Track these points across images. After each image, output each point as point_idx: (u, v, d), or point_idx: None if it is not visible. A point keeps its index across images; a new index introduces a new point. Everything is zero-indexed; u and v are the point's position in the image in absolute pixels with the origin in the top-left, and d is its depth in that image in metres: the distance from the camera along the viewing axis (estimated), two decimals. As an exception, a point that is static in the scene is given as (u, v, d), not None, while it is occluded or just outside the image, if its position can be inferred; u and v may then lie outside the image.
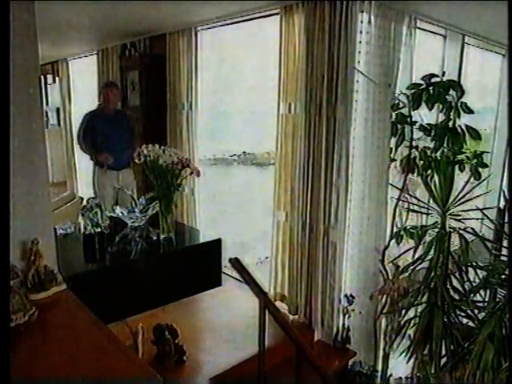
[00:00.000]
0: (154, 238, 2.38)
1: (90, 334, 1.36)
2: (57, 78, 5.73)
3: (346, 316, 2.86)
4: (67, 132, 5.76)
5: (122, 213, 2.51)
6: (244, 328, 2.76)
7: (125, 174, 3.89)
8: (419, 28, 3.06)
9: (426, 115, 2.99)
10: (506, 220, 2.98)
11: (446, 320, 2.78)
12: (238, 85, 3.44)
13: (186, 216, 3.85)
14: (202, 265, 2.34)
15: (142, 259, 2.29)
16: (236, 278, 2.88)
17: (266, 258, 3.16)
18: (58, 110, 5.94)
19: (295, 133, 2.81)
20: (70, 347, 1.25)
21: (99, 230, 2.20)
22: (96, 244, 2.15)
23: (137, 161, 2.29)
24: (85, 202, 2.47)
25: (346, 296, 2.84)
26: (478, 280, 2.79)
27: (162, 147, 2.16)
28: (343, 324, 2.87)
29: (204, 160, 4.24)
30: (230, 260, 2.37)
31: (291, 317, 3.01)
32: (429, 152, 2.85)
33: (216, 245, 2.32)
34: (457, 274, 2.80)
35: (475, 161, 2.85)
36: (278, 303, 3.11)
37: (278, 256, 3.02)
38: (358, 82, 2.63)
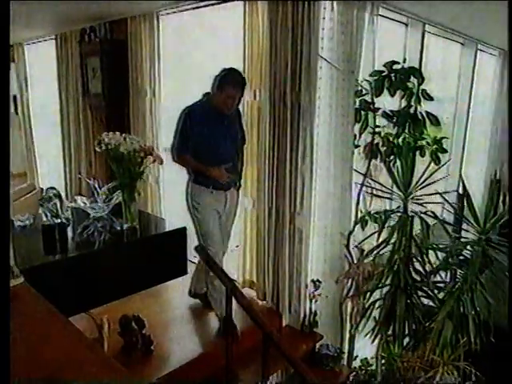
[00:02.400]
0: (118, 227, 2.34)
1: (49, 328, 1.32)
2: (12, 64, 5.46)
3: (313, 301, 2.90)
4: (26, 120, 5.53)
5: (83, 203, 2.45)
6: (212, 315, 2.76)
7: (230, 196, 2.74)
8: (381, 15, 3.10)
9: (388, 102, 3.04)
10: (466, 204, 3.09)
11: (408, 301, 2.87)
12: (201, 71, 3.37)
13: (151, 205, 3.80)
14: (168, 254, 2.32)
15: (106, 249, 2.24)
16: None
17: (237, 246, 3.16)
18: (14, 97, 5.68)
19: (260, 120, 2.81)
20: (28, 342, 1.21)
21: (59, 220, 2.13)
22: (56, 235, 2.09)
23: (97, 149, 2.23)
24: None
25: (312, 281, 2.88)
26: (438, 262, 2.89)
27: (124, 135, 2.11)
28: (310, 308, 2.91)
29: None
30: (196, 248, 2.37)
31: (260, 302, 3.04)
32: (391, 138, 2.92)
33: (181, 233, 2.30)
34: (418, 257, 2.89)
35: (435, 146, 2.94)
36: (247, 289, 3.14)
37: (246, 243, 3.03)
38: (321, 68, 2.64)
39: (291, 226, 2.70)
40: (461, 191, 3.64)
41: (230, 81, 2.49)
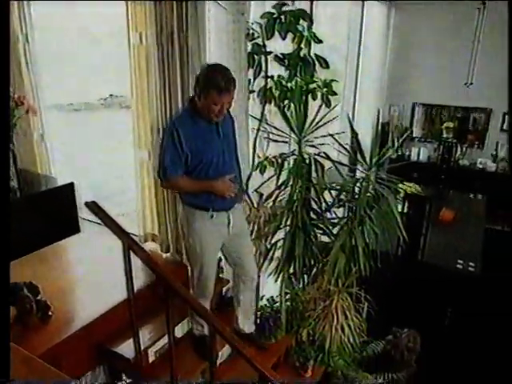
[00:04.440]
0: (-6, 189, 2.11)
1: None
2: None
3: (217, 247, 2.94)
4: None
5: None
6: (112, 272, 2.67)
7: (236, 216, 2.44)
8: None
9: (280, 45, 3.04)
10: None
11: (306, 239, 3.04)
12: (78, 13, 3.04)
13: (40, 165, 3.47)
14: (56, 212, 2.16)
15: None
16: (98, 223, 2.74)
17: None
18: None
19: (149, 66, 2.64)
20: None
21: None
22: None
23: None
24: None
25: (215, 229, 2.90)
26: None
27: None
28: (214, 256, 2.95)
29: (66, 106, 3.80)
30: (87, 204, 2.22)
31: (164, 255, 3.01)
32: (284, 82, 2.94)
33: (69, 190, 2.15)
34: (315, 197, 3.04)
35: (326, 89, 3.03)
36: (150, 243, 3.08)
37: (144, 196, 2.93)
38: (209, 10, 2.53)
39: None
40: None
41: (214, 85, 2.07)
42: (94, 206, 2.15)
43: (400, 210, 4.17)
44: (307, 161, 2.97)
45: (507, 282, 4.61)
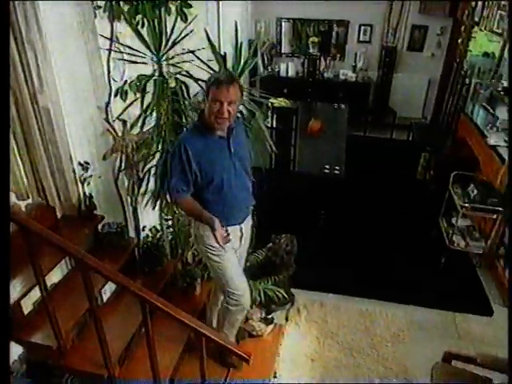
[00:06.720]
0: None
1: None
2: None
3: (85, 184, 2.75)
4: None
5: None
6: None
7: (246, 227, 2.58)
8: None
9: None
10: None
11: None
12: None
13: None
14: None
15: None
16: None
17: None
18: None
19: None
20: None
21: None
22: None
23: None
24: None
25: (80, 164, 2.69)
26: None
27: None
28: (84, 192, 2.77)
29: None
30: None
31: (22, 203, 2.72)
32: (132, -6, 2.66)
33: None
34: (183, 118, 2.94)
35: (179, 1, 2.82)
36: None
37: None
38: None
39: (35, 107, 2.34)
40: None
41: (213, 81, 2.14)
42: None
43: (270, 124, 4.31)
44: (170, 82, 2.83)
45: (367, 181, 5.20)
